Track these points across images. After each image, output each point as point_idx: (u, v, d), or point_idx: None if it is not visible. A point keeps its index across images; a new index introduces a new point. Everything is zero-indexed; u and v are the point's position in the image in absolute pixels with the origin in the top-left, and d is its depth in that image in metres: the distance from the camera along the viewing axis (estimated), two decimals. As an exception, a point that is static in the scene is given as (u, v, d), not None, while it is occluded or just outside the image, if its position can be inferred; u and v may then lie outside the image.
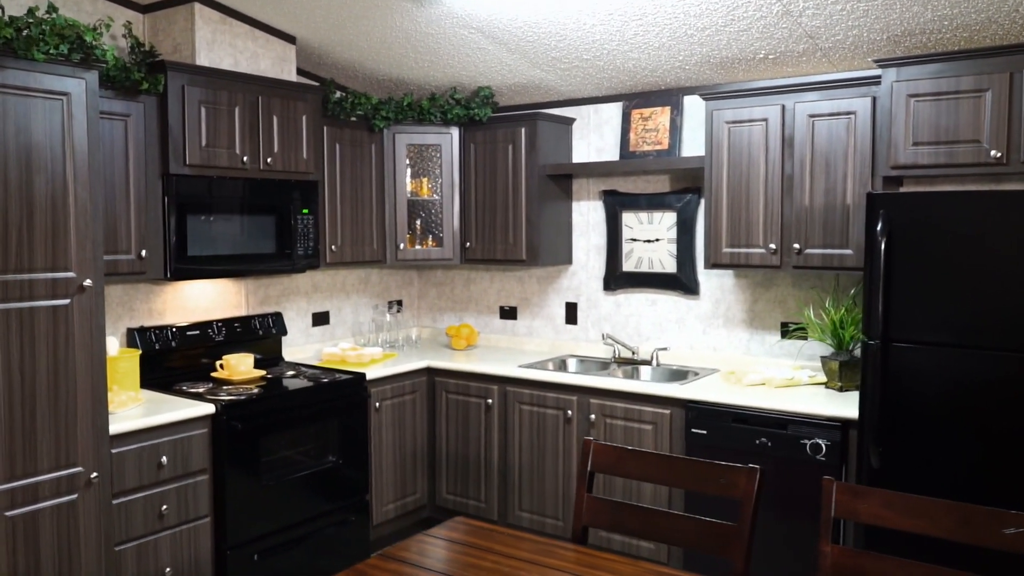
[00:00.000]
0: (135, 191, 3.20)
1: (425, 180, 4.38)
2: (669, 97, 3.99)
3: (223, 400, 3.24)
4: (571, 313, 4.42)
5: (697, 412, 3.36)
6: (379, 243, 4.29)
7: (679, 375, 3.86)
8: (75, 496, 2.71)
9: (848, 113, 3.23)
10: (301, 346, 4.30)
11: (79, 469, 2.72)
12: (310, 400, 3.55)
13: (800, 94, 3.35)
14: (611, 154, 4.22)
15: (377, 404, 3.91)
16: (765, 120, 3.42)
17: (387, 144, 4.28)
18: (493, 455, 3.99)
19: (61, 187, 2.65)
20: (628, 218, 4.19)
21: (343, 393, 3.69)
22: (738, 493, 2.00)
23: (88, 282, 2.70)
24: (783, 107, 3.38)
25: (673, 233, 4.06)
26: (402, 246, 4.32)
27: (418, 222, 4.40)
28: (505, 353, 4.40)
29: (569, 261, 4.38)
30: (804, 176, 3.35)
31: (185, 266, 3.36)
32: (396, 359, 4.23)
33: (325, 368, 3.94)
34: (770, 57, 3.45)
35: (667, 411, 3.46)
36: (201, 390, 3.42)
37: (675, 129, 3.96)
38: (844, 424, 3.04)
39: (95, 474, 2.75)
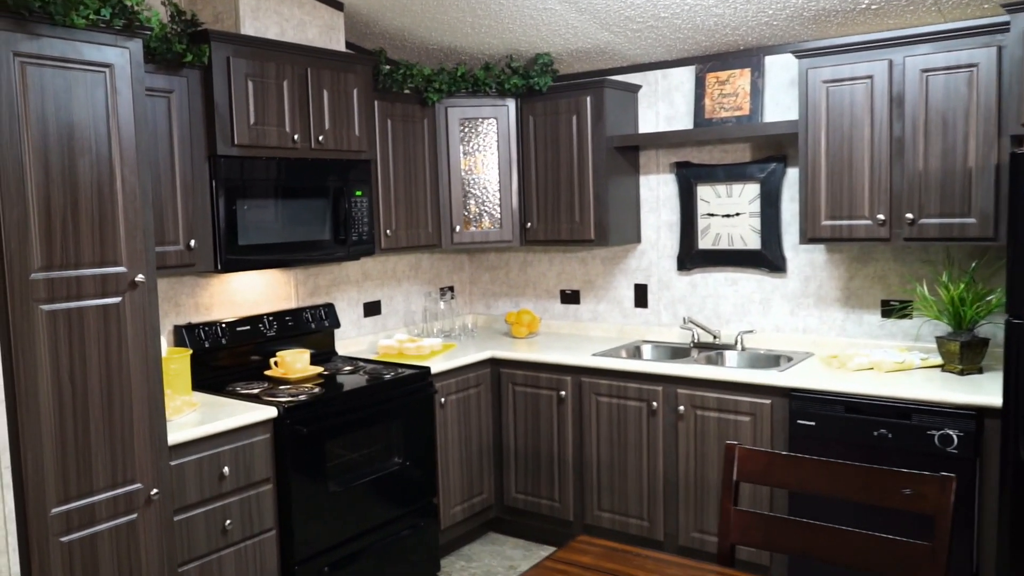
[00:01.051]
0: (181, 175, 2.90)
1: (479, 156, 4.07)
2: (748, 58, 3.66)
3: (284, 402, 2.96)
4: (640, 295, 4.11)
5: (802, 401, 3.05)
6: (434, 226, 3.99)
7: (771, 360, 3.55)
8: (134, 516, 2.44)
9: (969, 66, 2.89)
10: (353, 338, 4.01)
11: (138, 486, 2.44)
12: (375, 398, 3.26)
13: (911, 47, 3.01)
14: (683, 122, 3.89)
15: (442, 400, 3.62)
16: (870, 78, 3.09)
17: (439, 119, 3.96)
18: (567, 451, 3.70)
19: (107, 171, 2.35)
20: (704, 191, 3.87)
21: (408, 389, 3.40)
22: (928, 507, 1.70)
23: (140, 277, 2.41)
24: (890, 62, 3.05)
25: (756, 206, 3.73)
26: (458, 228, 4.02)
27: (472, 202, 4.09)
28: (570, 340, 4.10)
29: (637, 240, 4.07)
30: (917, 138, 3.02)
31: (236, 256, 3.07)
32: (455, 350, 3.94)
33: (384, 363, 3.65)
34: (872, 8, 3.11)
35: (767, 401, 3.15)
36: (257, 391, 3.13)
37: (756, 93, 3.63)
38: (979, 412, 2.73)
39: (155, 491, 2.47)
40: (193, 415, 2.81)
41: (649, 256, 4.07)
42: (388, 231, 3.72)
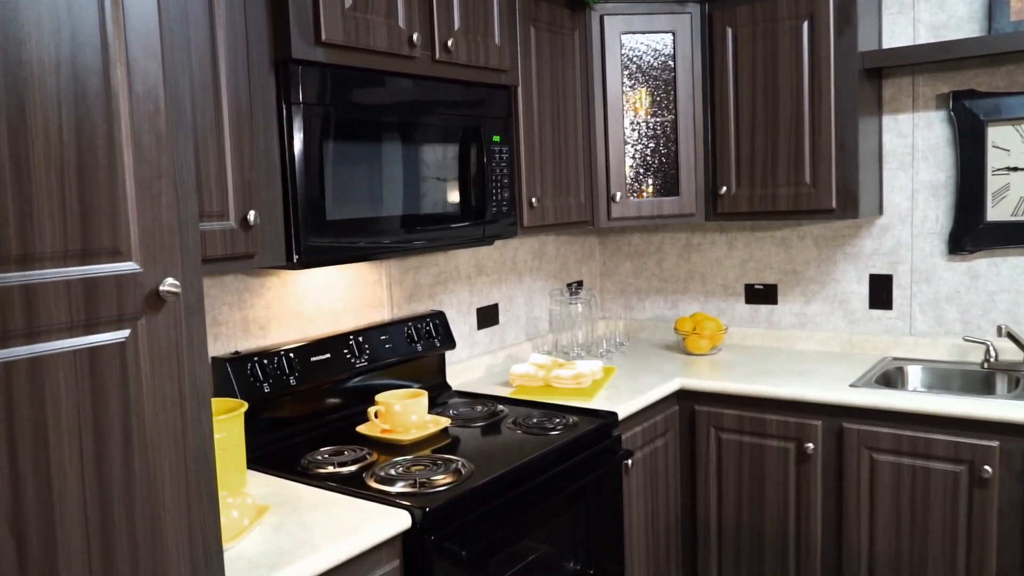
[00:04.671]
0: (230, 100, 1.60)
1: (644, 92, 2.77)
2: (1089, -77, 2.35)
3: (417, 498, 1.67)
4: (880, 291, 2.81)
5: None
6: (587, 193, 2.69)
7: None
8: None
9: None
10: (465, 361, 2.72)
11: None
12: (551, 473, 1.96)
13: None
14: (961, 30, 2.59)
15: (629, 461, 2.33)
16: None
17: (593, 32, 2.66)
18: (813, 533, 2.41)
19: (99, 97, 1.04)
20: (1000, 135, 2.57)
21: (593, 452, 2.11)
22: None
23: (171, 284, 1.10)
24: None
25: (1098, 154, 2.44)
26: (618, 196, 2.72)
27: (637, 158, 2.79)
28: (770, 357, 2.81)
29: (878, 211, 2.77)
30: None
31: (324, 240, 1.77)
32: (618, 376, 2.66)
33: (533, 404, 2.36)
34: None
35: None
36: (354, 467, 1.85)
37: (1107, -25, 2.33)
38: None
39: None
40: (260, 535, 1.51)
41: (896, 234, 2.77)
42: (533, 200, 2.41)
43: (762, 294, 3.05)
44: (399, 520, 1.59)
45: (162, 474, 1.11)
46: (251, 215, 1.62)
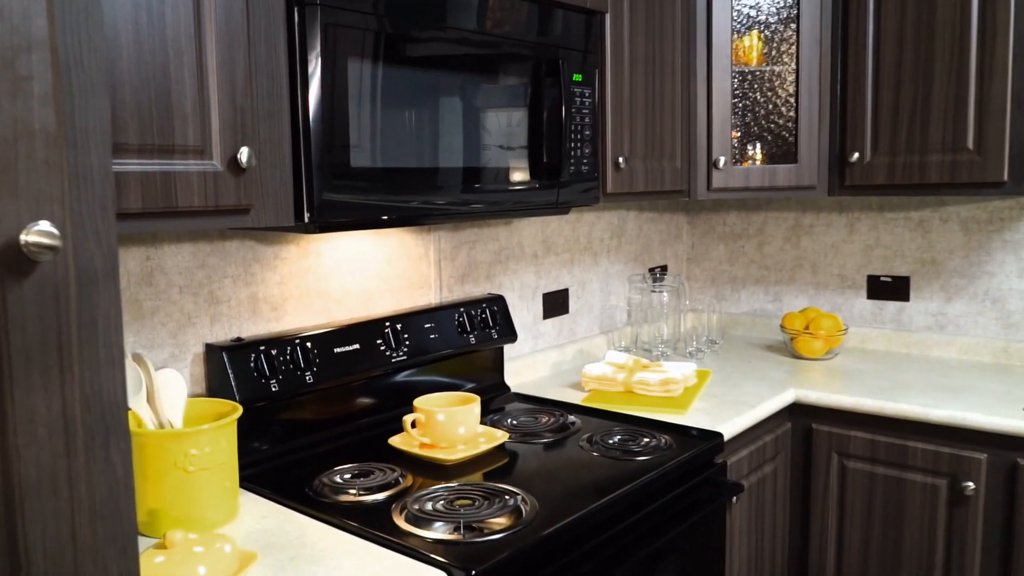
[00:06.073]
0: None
1: (756, 35, 2.25)
2: None
3: (458, 555, 1.21)
4: (1049, 290, 2.25)
5: None
6: (683, 157, 2.19)
7: None
8: None
9: None
10: (527, 356, 2.25)
11: None
12: (641, 520, 1.48)
13: None
14: None
15: (735, 498, 1.83)
16: None
17: (698, -43, 2.15)
18: (966, 596, 1.88)
19: None
20: None
21: (690, 488, 1.62)
22: None
23: (43, 233, 0.65)
24: None
25: None
26: (722, 162, 2.20)
27: (746, 117, 2.28)
28: (901, 365, 2.27)
29: (1050, 187, 2.20)
30: None
31: (344, 196, 1.32)
32: (712, 382, 2.16)
33: (611, 416, 1.88)
34: None
35: None
36: (379, 496, 1.40)
37: None
38: None
39: None
40: (241, 603, 1.07)
41: (1074, 217, 2.21)
42: (620, 160, 1.92)
43: (890, 288, 2.51)
44: (434, 584, 1.13)
45: (43, 546, 0.67)
46: (243, 154, 1.17)
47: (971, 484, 1.83)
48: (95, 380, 0.69)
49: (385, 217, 1.39)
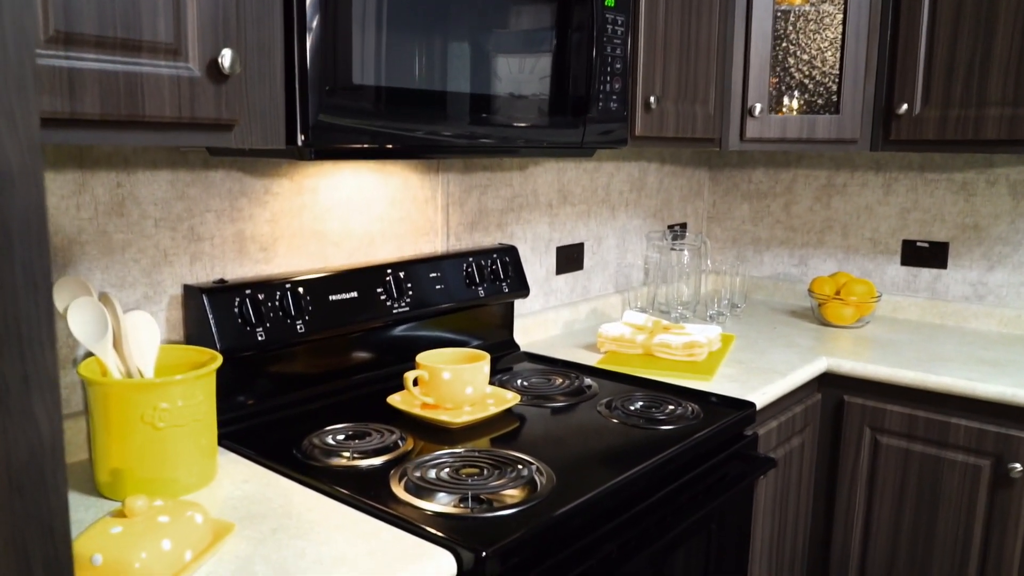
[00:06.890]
0: None
1: (801, -30, 2.05)
2: None
3: (465, 531, 1.05)
4: (1103, 260, 2.08)
5: None
6: (716, 102, 2.00)
7: None
8: None
9: None
10: (539, 314, 2.08)
11: None
12: (668, 496, 1.33)
13: None
14: None
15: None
16: None
17: None
18: (1005, 587, 1.75)
19: None
20: None
21: (720, 462, 1.47)
22: None
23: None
24: None
25: None
26: (757, 110, 2.02)
27: (789, 62, 2.09)
28: (937, 336, 2.12)
29: (1113, 149, 2.02)
30: None
31: (343, 119, 1.14)
32: (736, 347, 2.00)
33: (631, 380, 1.72)
34: None
35: None
36: (376, 460, 1.24)
37: None
38: None
39: None
40: (219, 566, 0.92)
41: None
42: (651, 99, 1.74)
43: (927, 254, 2.34)
44: (438, 565, 0.98)
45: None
46: (225, 57, 0.98)
47: (1018, 466, 1.68)
48: (8, 312, 0.52)
49: (389, 146, 1.22)
